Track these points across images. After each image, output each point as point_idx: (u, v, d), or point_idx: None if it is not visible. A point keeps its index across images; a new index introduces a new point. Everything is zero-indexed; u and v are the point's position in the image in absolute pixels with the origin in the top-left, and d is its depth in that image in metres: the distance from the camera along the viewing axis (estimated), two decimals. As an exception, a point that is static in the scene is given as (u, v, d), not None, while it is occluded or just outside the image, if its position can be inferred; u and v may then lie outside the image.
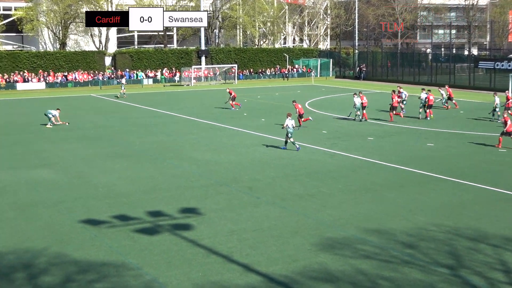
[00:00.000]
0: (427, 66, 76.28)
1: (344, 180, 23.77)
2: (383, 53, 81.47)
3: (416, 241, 16.70)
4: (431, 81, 71.22)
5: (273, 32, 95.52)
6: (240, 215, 19.12)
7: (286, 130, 29.68)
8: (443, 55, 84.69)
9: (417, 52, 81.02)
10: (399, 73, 76.74)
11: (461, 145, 31.32)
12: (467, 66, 72.73)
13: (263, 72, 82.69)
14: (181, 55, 79.23)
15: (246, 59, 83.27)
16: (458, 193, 21.69)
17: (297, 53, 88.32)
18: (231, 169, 25.77)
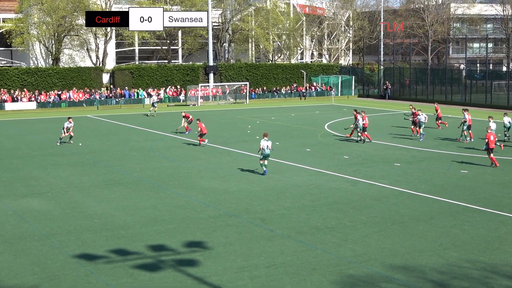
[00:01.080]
0: (460, 84, 76.39)
1: (368, 211, 23.84)
2: (412, 69, 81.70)
3: (448, 279, 16.73)
4: (464, 101, 71.39)
5: (289, 46, 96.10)
6: (251, 249, 19.21)
7: (261, 152, 30.42)
8: (478, 71, 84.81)
9: (450, 68, 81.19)
10: (429, 91, 76.89)
11: (498, 172, 31.31)
12: (506, 83, 72.78)
13: (278, 90, 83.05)
14: (187, 72, 79.84)
15: (259, 76, 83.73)
16: (495, 226, 21.69)
17: (316, 70, 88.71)
18: (241, 199, 25.90)
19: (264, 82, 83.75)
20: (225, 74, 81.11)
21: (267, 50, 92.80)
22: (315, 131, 46.57)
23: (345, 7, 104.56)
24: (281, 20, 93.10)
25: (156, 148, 39.72)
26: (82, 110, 67.59)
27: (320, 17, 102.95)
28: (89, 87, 74.30)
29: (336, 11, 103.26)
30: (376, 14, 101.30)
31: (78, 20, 77.97)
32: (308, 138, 43.30)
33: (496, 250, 19.02)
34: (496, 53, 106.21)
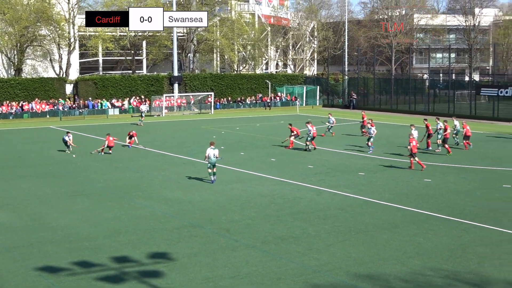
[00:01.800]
0: (424, 94, 77.26)
1: (332, 220, 23.94)
2: (376, 79, 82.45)
3: (412, 287, 16.84)
4: (428, 110, 72.16)
5: (254, 57, 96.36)
6: (216, 260, 19.17)
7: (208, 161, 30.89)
8: (441, 81, 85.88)
9: (413, 78, 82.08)
10: (393, 101, 77.63)
11: (461, 181, 31.69)
12: (468, 93, 73.79)
13: (243, 100, 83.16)
14: (151, 82, 79.55)
15: (224, 86, 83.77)
16: (458, 234, 21.93)
17: (281, 80, 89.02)
18: (206, 209, 25.84)
19: (229, 92, 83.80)
20: (190, 85, 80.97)
21: (232, 60, 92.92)
22: (280, 141, 46.68)
23: (310, 17, 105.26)
24: (246, 30, 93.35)
25: (120, 158, 39.47)
26: (45, 121, 66.91)
27: (285, 27, 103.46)
28: (52, 98, 73.59)
29: (301, 21, 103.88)
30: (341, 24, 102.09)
31: (41, 31, 77.32)
32: (273, 148, 43.39)
33: (459, 258, 19.22)
34: (459, 63, 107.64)
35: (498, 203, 26.69)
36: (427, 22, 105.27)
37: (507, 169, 34.84)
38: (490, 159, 38.26)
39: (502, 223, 23.19)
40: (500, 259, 19.09)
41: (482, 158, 38.68)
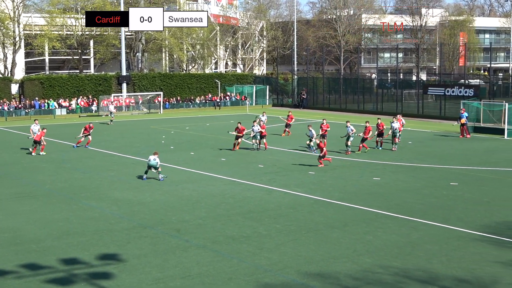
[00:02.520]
0: (372, 93, 78.12)
1: (283, 219, 24.03)
2: (324, 79, 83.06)
3: (362, 285, 17.02)
4: (376, 109, 73.00)
5: (203, 56, 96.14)
6: (166, 261, 19.08)
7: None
8: (389, 80, 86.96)
9: (361, 78, 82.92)
10: (342, 100, 78.32)
11: (410, 179, 32.15)
12: (416, 92, 74.87)
13: (192, 100, 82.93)
14: (99, 82, 78.72)
15: (173, 86, 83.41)
16: (407, 231, 22.24)
17: (230, 79, 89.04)
18: (156, 210, 25.70)
19: (178, 92, 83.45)
20: (138, 84, 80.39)
21: (181, 59, 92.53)
22: (230, 140, 46.67)
23: (259, 17, 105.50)
24: (195, 29, 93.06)
25: (68, 159, 38.98)
26: (-11, 121, 65.65)
27: (234, 27, 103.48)
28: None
29: (250, 21, 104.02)
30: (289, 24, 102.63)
31: (-15, 29, 75.90)
32: (223, 148, 43.34)
33: (408, 255, 19.49)
34: (406, 63, 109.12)
35: (445, 201, 27.15)
36: (375, 22, 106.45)
37: (454, 167, 35.46)
38: (438, 158, 38.89)
39: (449, 221, 23.61)
40: (448, 255, 19.42)
41: (430, 157, 39.29)
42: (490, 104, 54.73)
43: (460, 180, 31.55)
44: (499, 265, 18.52)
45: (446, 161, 37.75)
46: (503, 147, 44.19)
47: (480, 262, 18.80)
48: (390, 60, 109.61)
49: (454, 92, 63.22)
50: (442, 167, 35.51)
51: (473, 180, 31.82)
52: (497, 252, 19.75)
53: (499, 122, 51.20)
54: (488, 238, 21.41)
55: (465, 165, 36.39)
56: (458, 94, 62.46)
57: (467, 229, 22.47)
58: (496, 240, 21.16)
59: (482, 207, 25.87)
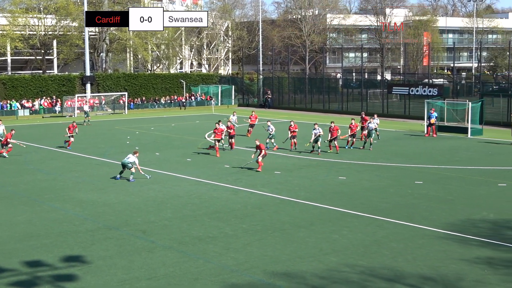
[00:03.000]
0: (337, 93, 78.50)
1: (249, 219, 24.05)
2: (290, 79, 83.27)
3: (328, 284, 17.09)
4: (342, 109, 73.40)
5: (168, 56, 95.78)
6: (132, 262, 18.97)
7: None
8: (354, 80, 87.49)
9: (327, 78, 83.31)
10: (307, 100, 78.59)
11: (375, 178, 32.37)
12: (380, 92, 75.42)
13: (157, 100, 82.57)
14: (63, 82, 77.97)
15: (138, 86, 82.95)
16: (372, 230, 22.39)
17: (195, 79, 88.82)
18: (121, 211, 25.55)
19: (143, 92, 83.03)
20: (102, 84, 79.79)
21: (145, 60, 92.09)
22: (196, 140, 46.60)
23: (224, 17, 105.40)
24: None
25: (30, 160, 38.54)
26: (-50, 122, 64.58)
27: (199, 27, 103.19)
28: (-42, 98, 71.18)
29: (215, 21, 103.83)
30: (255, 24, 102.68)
31: None
32: (188, 148, 43.23)
33: (374, 254, 19.62)
34: (371, 63, 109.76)
35: (410, 199, 27.40)
36: (340, 22, 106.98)
37: (418, 166, 35.80)
38: (402, 157, 39.22)
39: (414, 219, 23.82)
40: (413, 254, 19.59)
41: (395, 156, 39.61)
42: (454, 103, 55.33)
43: (425, 179, 31.86)
44: (463, 262, 18.74)
45: (411, 160, 38.09)
46: (467, 145, 44.72)
47: (445, 259, 19.01)
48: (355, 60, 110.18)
49: (418, 91, 63.83)
50: (407, 166, 35.82)
51: (437, 178, 32.16)
52: (462, 250, 19.98)
53: (463, 121, 51.79)
54: (452, 236, 21.65)
55: (429, 163, 36.75)
56: (422, 93, 63.07)
57: (432, 227, 22.69)
58: (460, 238, 21.40)
59: (447, 205, 26.16)
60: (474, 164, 36.48)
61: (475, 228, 22.71)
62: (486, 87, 74.64)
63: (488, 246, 20.40)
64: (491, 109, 61.87)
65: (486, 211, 25.13)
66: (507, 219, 23.99)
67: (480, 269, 18.19)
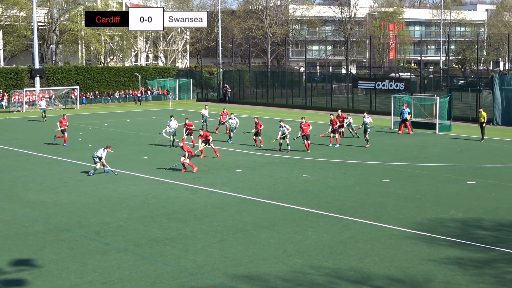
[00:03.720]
0: (301, 87, 78.78)
1: (209, 220, 24.02)
2: (251, 72, 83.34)
3: (293, 286, 17.15)
4: (305, 104, 73.70)
5: (122, 48, 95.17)
6: (85, 265, 18.82)
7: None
8: (318, 74, 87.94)
9: (290, 71, 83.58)
10: (269, 95, 78.73)
11: (340, 176, 32.58)
12: (345, 86, 75.90)
13: (111, 95, 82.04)
14: (10, 76, 77.02)
15: (90, 80, 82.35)
16: (338, 230, 22.53)
17: (152, 73, 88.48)
18: (74, 212, 25.33)
19: (96, 86, 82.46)
20: (53, 78, 79.05)
21: (98, 52, 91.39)
22: (152, 137, 46.39)
23: (181, 7, 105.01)
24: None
25: (-24, 159, 38.07)
26: None
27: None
28: None
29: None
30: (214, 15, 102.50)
31: None
32: (145, 145, 43.05)
33: (340, 255, 19.75)
34: (336, 56, 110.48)
35: (377, 198, 27.63)
36: (303, 13, 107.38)
37: (385, 163, 36.12)
38: (369, 154, 39.52)
39: (381, 218, 24.03)
40: (380, 254, 19.76)
41: (361, 153, 39.90)
42: (421, 98, 55.95)
43: (392, 177, 32.16)
44: (432, 263, 18.96)
45: (377, 157, 38.41)
46: (435, 142, 45.25)
47: (413, 260, 19.21)
48: (319, 53, 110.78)
49: (385, 85, 64.36)
50: (373, 163, 36.12)
51: (404, 176, 32.49)
52: (430, 250, 20.21)
53: (431, 117, 52.40)
54: (420, 235, 21.89)
55: (396, 161, 37.11)
56: (388, 87, 63.62)
57: (400, 226, 22.92)
58: (429, 237, 21.64)
59: (414, 204, 26.44)
60: (442, 161, 36.92)
61: (443, 227, 22.99)
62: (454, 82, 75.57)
63: (457, 246, 20.67)
64: (459, 104, 62.67)
65: (454, 210, 25.46)
66: (476, 218, 24.34)
67: (449, 269, 18.42)
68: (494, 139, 46.16)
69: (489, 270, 18.42)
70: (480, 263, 19.11)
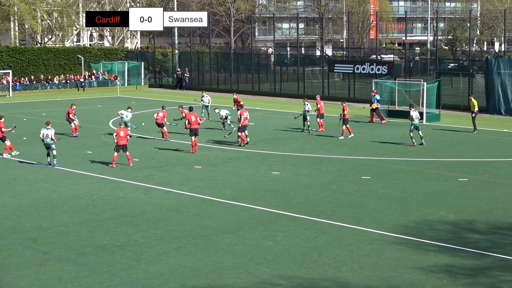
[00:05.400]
0: (269, 71, 78.80)
1: (164, 224, 24.00)
2: (212, 54, 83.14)
3: (260, 299, 17.24)
4: (274, 90, 73.81)
5: (62, 26, 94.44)
6: (20, 278, 18.72)
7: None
8: (289, 56, 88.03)
9: (256, 53, 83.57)
10: (233, 80, 78.61)
11: (315, 173, 32.70)
12: (320, 70, 76.06)
13: (50, 80, 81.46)
14: None
15: (25, 63, 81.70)
16: (312, 235, 22.62)
17: (96, 54, 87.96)
18: (6, 215, 25.17)
19: (31, 70, 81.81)
20: (-19, 61, 78.34)
21: (34, 30, 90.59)
22: (98, 129, 46.17)
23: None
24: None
25: None
26: None
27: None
28: None
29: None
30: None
31: None
32: (88, 138, 42.85)
33: (314, 263, 19.83)
34: (309, 35, 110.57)
35: (356, 197, 27.77)
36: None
37: (365, 158, 36.33)
38: (346, 147, 39.70)
39: (361, 221, 24.17)
40: (360, 262, 19.88)
41: (337, 146, 40.06)
42: (406, 84, 56.25)
43: (373, 173, 32.35)
44: (418, 271, 19.12)
45: (356, 151, 38.59)
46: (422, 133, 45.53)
47: (397, 268, 19.36)
48: (289, 32, 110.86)
49: (365, 69, 64.68)
50: (352, 158, 36.29)
51: (387, 173, 32.70)
52: (416, 256, 20.38)
53: (417, 105, 52.71)
54: (406, 240, 22.06)
55: (378, 155, 37.33)
56: (369, 71, 63.98)
57: (382, 230, 23.08)
58: (415, 242, 21.82)
59: (399, 205, 26.62)
60: (430, 156, 37.22)
61: (432, 230, 23.19)
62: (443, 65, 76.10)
63: (446, 252, 20.87)
64: (449, 91, 63.24)
65: (444, 211, 25.69)
66: (469, 220, 24.59)
67: (438, 278, 18.60)
68: (488, 130, 46.63)
69: (483, 279, 18.64)
70: (473, 270, 19.32)
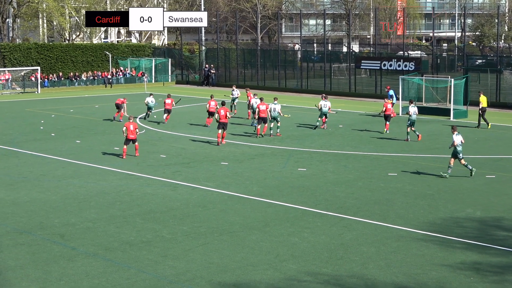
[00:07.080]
0: (295, 67, 78.68)
1: (191, 220, 24.05)
2: (239, 50, 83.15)
3: (286, 296, 17.24)
4: (301, 87, 73.74)
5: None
6: (49, 273, 18.83)
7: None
8: (315, 52, 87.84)
9: (283, 49, 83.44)
10: (259, 76, 78.60)
11: (341, 169, 32.63)
12: (347, 67, 75.87)
13: (78, 77, 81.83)
14: (-40, 55, 76.85)
15: (54, 60, 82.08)
16: (338, 231, 22.59)
17: (124, 51, 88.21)
18: (35, 211, 25.32)
19: (59, 66, 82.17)
20: (9, 57, 78.75)
21: (62, 27, 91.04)
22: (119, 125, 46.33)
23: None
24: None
25: None
26: None
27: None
28: None
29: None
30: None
31: None
32: (116, 135, 42.94)
33: (340, 260, 19.80)
34: (335, 32, 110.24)
35: (383, 194, 27.69)
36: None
37: (392, 155, 36.20)
38: (373, 144, 39.58)
39: (388, 218, 24.10)
40: (386, 259, 19.83)
41: (364, 143, 39.95)
42: (434, 80, 55.96)
43: (400, 170, 32.23)
44: (445, 268, 19.04)
45: (383, 147, 38.47)
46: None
47: (424, 265, 19.28)
48: (316, 28, 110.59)
49: (392, 66, 64.27)
50: (378, 155, 36.18)
51: (414, 169, 32.54)
52: (443, 254, 20.30)
53: (444, 101, 52.47)
54: (432, 237, 21.97)
55: (404, 152, 37.18)
56: (396, 68, 63.55)
57: (409, 227, 22.99)
58: (442, 239, 21.73)
59: (425, 201, 26.52)
60: (457, 152, 37.00)
61: (459, 228, 23.09)
62: (471, 61, 75.65)
63: (474, 249, 20.77)
64: (477, 87, 62.81)
65: (471, 208, 25.56)
66: (496, 217, 24.46)
67: (465, 276, 18.52)
68: (516, 127, 46.34)
69: (511, 276, 18.52)
70: (501, 268, 19.22)
